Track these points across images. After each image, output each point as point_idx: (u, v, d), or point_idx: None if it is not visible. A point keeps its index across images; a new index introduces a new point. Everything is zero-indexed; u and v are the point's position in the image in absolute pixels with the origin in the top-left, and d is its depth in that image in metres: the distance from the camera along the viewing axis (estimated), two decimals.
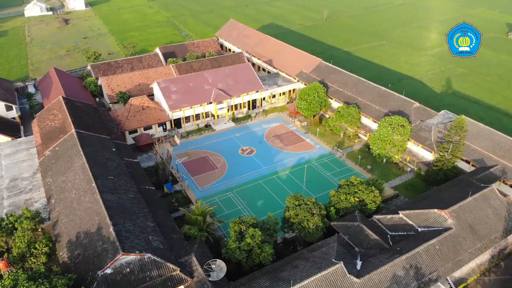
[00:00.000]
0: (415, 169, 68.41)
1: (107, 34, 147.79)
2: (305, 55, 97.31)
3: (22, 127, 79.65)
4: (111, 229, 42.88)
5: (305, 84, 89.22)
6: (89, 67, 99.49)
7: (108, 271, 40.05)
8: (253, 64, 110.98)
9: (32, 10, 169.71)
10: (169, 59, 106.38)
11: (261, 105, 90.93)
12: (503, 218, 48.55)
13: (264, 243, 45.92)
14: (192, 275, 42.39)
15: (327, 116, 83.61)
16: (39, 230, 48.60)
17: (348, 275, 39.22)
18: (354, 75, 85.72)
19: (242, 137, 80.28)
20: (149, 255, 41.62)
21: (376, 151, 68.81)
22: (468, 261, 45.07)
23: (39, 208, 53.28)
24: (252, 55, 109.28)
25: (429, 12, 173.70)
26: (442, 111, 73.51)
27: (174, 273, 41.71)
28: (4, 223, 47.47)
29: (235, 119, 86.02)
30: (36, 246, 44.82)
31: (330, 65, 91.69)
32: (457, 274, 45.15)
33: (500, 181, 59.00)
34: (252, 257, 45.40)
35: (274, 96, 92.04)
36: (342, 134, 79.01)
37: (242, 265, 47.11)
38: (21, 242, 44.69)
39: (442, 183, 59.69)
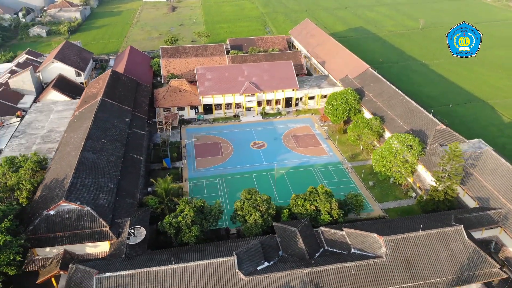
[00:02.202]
0: (418, 196, 61.53)
1: (200, 23, 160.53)
2: (355, 60, 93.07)
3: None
4: (69, 180, 49.80)
5: None
6: (160, 49, 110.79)
7: (52, 212, 47.01)
8: (311, 65, 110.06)
9: None
10: (232, 50, 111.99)
11: (296, 105, 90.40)
12: (458, 265, 41.77)
13: (195, 225, 47.83)
14: (119, 235, 46.84)
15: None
16: (39, 171, 58.26)
17: (237, 270, 39.14)
18: (393, 86, 79.44)
19: (261, 132, 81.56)
20: (88, 208, 47.42)
21: (377, 168, 63.73)
22: None
23: (50, 157, 63.53)
24: (311, 55, 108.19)
25: None
26: (475, 140, 64.06)
27: (104, 229, 46.79)
28: (16, 161, 58.26)
29: (263, 114, 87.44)
30: (23, 182, 54.22)
31: (375, 73, 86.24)
32: None
33: (501, 227, 50.07)
34: (180, 234, 47.83)
35: (312, 98, 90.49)
36: (361, 146, 74.50)
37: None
38: (15, 177, 54.55)
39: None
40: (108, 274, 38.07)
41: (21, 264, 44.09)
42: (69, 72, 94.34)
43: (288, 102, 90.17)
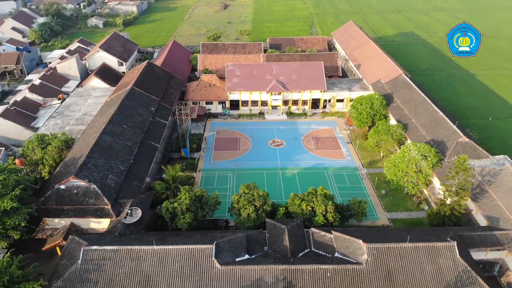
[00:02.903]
0: (429, 209, 58.70)
1: (248, 21, 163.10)
2: (390, 65, 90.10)
3: None
4: (83, 159, 53.84)
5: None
6: (201, 44, 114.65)
7: (62, 186, 51.20)
8: (348, 68, 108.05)
9: None
10: (269, 49, 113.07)
11: (324, 106, 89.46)
12: (444, 282, 39.66)
13: (190, 212, 49.65)
14: (119, 214, 49.92)
15: None
16: (64, 150, 63.27)
17: (213, 258, 40.31)
18: (422, 94, 76.03)
19: (283, 131, 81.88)
20: (95, 186, 51.04)
21: (388, 176, 61.63)
22: None
23: (78, 137, 68.66)
24: (349, 58, 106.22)
25: None
26: (501, 156, 59.70)
27: (106, 207, 50.15)
28: (46, 138, 63.77)
29: (289, 113, 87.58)
30: (47, 158, 59.30)
31: (407, 79, 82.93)
32: None
33: (507, 250, 46.69)
34: (175, 220, 49.90)
35: (341, 101, 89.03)
36: (381, 153, 72.31)
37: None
38: (40, 152, 59.81)
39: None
40: (94, 247, 40.96)
41: (28, 231, 48.53)
42: (112, 61, 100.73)
43: (315, 103, 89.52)
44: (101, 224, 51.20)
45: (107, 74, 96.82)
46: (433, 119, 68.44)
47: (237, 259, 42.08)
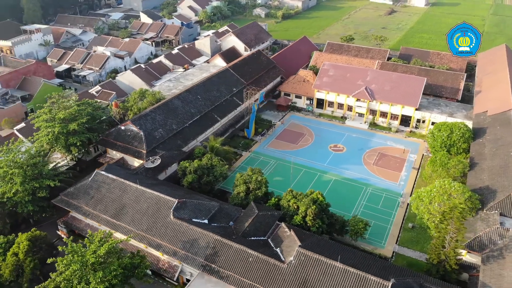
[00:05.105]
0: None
1: (404, 29, 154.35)
2: (505, 97, 75.58)
3: None
4: (146, 112, 67.24)
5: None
6: (326, 43, 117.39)
7: (122, 127, 65.74)
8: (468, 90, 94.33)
9: None
10: (394, 58, 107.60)
11: (416, 127, 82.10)
12: None
13: (195, 174, 57.32)
14: (147, 160, 61.35)
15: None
16: (153, 104, 78.58)
17: (171, 210, 47.31)
18: None
19: (352, 138, 79.92)
20: (142, 133, 63.77)
21: (412, 208, 55.42)
22: None
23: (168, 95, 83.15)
24: (477, 82, 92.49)
25: None
26: None
27: (142, 151, 62.47)
28: (147, 93, 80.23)
29: (372, 124, 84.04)
30: (134, 107, 75.21)
31: None
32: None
33: None
34: (184, 177, 58.26)
35: (433, 124, 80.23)
36: None
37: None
38: (133, 102, 76.25)
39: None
40: (103, 172, 53.18)
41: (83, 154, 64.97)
42: (239, 45, 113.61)
43: (407, 120, 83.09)
44: (137, 164, 63.69)
45: (231, 56, 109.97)
46: (505, 164, 57.03)
47: (193, 219, 47.98)
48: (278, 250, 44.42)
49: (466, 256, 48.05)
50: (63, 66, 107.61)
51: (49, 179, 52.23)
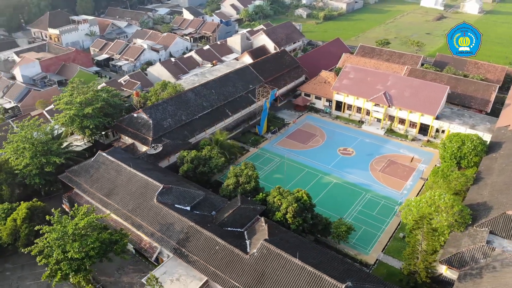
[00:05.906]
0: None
1: None
2: None
3: None
4: (156, 103, 70.91)
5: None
6: (358, 46, 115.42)
7: (135, 115, 69.91)
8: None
9: (425, 1, 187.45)
10: (426, 65, 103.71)
11: (435, 137, 78.89)
12: None
13: (191, 164, 59.87)
14: (150, 147, 64.76)
15: None
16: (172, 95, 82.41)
17: (156, 194, 49.97)
18: None
19: (365, 143, 78.53)
20: (151, 122, 67.45)
21: (403, 218, 53.83)
22: None
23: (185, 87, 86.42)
24: (509, 95, 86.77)
25: None
26: None
27: (149, 138, 65.94)
28: (169, 85, 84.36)
29: (388, 130, 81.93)
30: (154, 97, 79.28)
31: None
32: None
33: None
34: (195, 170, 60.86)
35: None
36: None
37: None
38: (153, 92, 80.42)
39: None
40: (104, 154, 57.16)
41: (101, 137, 69.69)
42: (269, 44, 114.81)
43: (425, 129, 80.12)
44: (143, 149, 67.38)
45: (260, 54, 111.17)
46: (509, 181, 53.76)
47: (176, 205, 50.37)
48: (248, 242, 45.63)
49: (447, 272, 46.37)
50: (103, 56, 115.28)
51: (57, 156, 57.15)
